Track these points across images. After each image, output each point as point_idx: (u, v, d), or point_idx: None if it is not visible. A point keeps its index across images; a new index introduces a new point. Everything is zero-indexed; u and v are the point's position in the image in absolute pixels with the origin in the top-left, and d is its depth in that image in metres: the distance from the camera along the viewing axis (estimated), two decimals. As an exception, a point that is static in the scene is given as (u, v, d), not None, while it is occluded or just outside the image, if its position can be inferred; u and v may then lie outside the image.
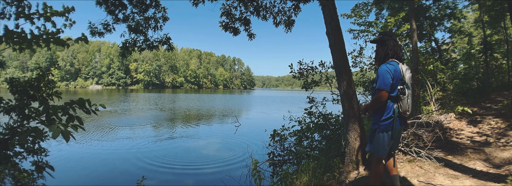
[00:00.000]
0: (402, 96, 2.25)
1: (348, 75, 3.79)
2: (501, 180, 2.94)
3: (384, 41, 2.38)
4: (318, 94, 6.19)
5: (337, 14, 3.90)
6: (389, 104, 2.32)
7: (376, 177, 2.54)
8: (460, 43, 16.59)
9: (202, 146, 8.67)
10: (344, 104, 3.77)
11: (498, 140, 4.58)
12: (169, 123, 13.75)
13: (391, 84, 2.25)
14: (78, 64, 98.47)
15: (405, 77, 2.25)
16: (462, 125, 6.08)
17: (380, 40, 2.42)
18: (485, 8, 12.11)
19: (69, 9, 2.46)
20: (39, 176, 3.14)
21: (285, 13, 6.99)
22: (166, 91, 73.65)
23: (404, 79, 2.25)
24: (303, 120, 6.12)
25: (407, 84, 2.25)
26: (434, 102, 6.91)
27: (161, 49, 18.87)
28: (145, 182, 3.17)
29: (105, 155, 7.30)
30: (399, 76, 2.25)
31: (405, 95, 2.24)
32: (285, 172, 3.59)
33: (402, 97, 2.25)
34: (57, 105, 2.32)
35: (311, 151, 4.98)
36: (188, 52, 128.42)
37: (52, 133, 1.80)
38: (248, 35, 7.19)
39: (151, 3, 6.31)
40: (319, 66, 6.03)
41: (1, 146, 2.80)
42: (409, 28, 6.88)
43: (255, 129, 12.11)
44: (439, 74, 9.03)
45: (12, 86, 3.15)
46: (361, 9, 12.36)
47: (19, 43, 2.25)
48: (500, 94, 10.29)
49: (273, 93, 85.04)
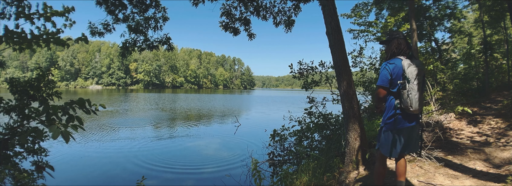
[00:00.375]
0: (402, 91, 2.21)
1: (348, 75, 3.79)
2: (501, 180, 2.94)
3: (389, 42, 2.41)
4: (318, 94, 6.19)
5: (337, 14, 3.90)
6: (392, 101, 2.32)
7: (379, 176, 2.50)
8: (460, 43, 16.57)
9: (202, 146, 8.67)
10: (344, 104, 3.77)
11: (498, 140, 4.58)
12: (169, 123, 13.75)
13: (390, 80, 2.27)
14: (78, 64, 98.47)
15: (406, 72, 2.20)
16: (462, 125, 6.08)
17: (386, 41, 2.46)
18: (485, 8, 12.10)
19: (69, 9, 2.46)
20: (39, 176, 3.14)
21: (285, 13, 6.99)
22: (166, 91, 73.65)
23: (404, 74, 2.21)
24: (303, 120, 6.12)
25: (408, 79, 2.19)
26: (434, 102, 6.91)
27: (161, 49, 18.91)
28: (145, 182, 3.17)
29: (105, 155, 7.30)
30: (400, 72, 2.23)
31: (406, 89, 2.19)
32: (285, 172, 3.59)
33: (403, 91, 2.21)
34: (57, 105, 2.31)
35: (311, 151, 4.98)
36: (188, 52, 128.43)
37: (52, 133, 1.80)
38: (248, 35, 7.19)
39: (151, 3, 6.31)
40: (319, 66, 6.03)
41: (1, 146, 2.80)
42: (409, 28, 6.88)
43: (255, 129, 12.11)
44: (439, 74, 9.03)
45: (12, 86, 3.15)
46: (361, 9, 12.36)
47: (19, 43, 2.25)
48: (500, 94, 10.28)
49: (273, 92, 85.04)
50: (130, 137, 9.66)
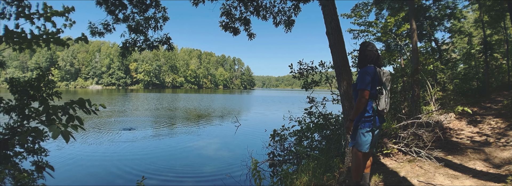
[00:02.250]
0: (380, 95, 2.54)
1: (348, 75, 3.79)
2: (501, 180, 2.94)
3: (362, 52, 2.71)
4: (318, 94, 6.19)
5: (337, 14, 3.90)
6: (369, 103, 2.57)
7: (358, 172, 2.72)
8: (460, 43, 16.58)
9: (202, 146, 8.67)
10: (344, 104, 3.77)
11: (498, 140, 4.58)
12: (169, 122, 13.75)
13: (370, 83, 2.51)
14: (78, 64, 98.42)
15: (382, 79, 2.54)
16: (462, 125, 6.08)
17: (359, 50, 2.79)
18: (485, 8, 12.10)
19: (69, 9, 2.46)
20: (39, 176, 3.14)
21: (285, 13, 6.98)
22: (166, 91, 73.65)
23: (381, 81, 2.54)
24: (303, 120, 6.12)
25: (385, 85, 2.56)
26: (434, 102, 6.91)
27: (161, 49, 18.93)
28: (145, 182, 3.17)
29: (105, 155, 7.30)
30: (377, 78, 2.54)
31: (383, 94, 2.54)
32: (285, 172, 3.59)
33: (380, 96, 2.54)
34: (57, 105, 2.31)
35: (311, 151, 4.98)
36: (188, 52, 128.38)
37: (52, 133, 1.80)
38: (248, 35, 7.19)
39: (151, 3, 6.30)
40: (319, 66, 6.03)
41: (1, 146, 2.80)
42: (409, 28, 6.88)
43: (255, 129, 12.10)
44: (439, 74, 9.03)
45: (12, 86, 3.15)
46: (361, 9, 12.36)
47: (19, 43, 2.25)
48: (500, 94, 10.28)
49: (273, 92, 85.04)
50: (130, 137, 9.66)
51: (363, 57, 2.68)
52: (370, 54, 2.66)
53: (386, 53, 9.46)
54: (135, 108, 21.79)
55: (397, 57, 9.07)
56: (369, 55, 2.66)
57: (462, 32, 13.21)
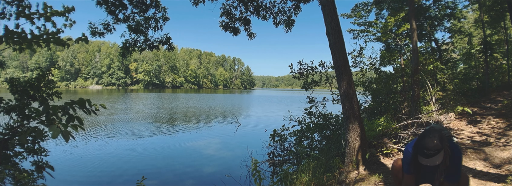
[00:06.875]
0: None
1: (348, 75, 3.79)
2: (501, 180, 2.93)
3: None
4: (318, 94, 6.19)
5: (337, 14, 3.90)
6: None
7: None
8: (460, 43, 16.57)
9: (202, 146, 8.67)
10: (344, 104, 3.77)
11: (498, 140, 4.58)
12: (169, 122, 13.75)
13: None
14: (78, 64, 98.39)
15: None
16: (462, 125, 6.08)
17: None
18: (485, 8, 12.09)
19: (69, 9, 2.46)
20: (39, 176, 3.14)
21: (285, 13, 6.98)
22: (166, 91, 73.63)
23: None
24: (303, 120, 6.12)
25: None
26: (434, 102, 6.91)
27: (161, 49, 18.87)
28: (145, 182, 3.17)
29: (105, 155, 7.30)
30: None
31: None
32: (285, 172, 3.59)
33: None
34: (57, 105, 2.31)
35: (311, 151, 4.98)
36: (188, 52, 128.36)
37: (52, 133, 1.80)
38: (248, 35, 7.18)
39: (151, 3, 6.30)
40: (319, 66, 6.03)
41: (1, 146, 2.80)
42: (409, 28, 6.88)
43: (255, 129, 12.11)
44: (439, 74, 9.04)
45: (12, 86, 3.15)
46: (361, 9, 12.35)
47: (19, 43, 2.25)
48: (500, 94, 10.28)
49: (273, 92, 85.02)
50: (130, 137, 9.66)
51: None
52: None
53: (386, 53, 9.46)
54: (135, 107, 21.78)
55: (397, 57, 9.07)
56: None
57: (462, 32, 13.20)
